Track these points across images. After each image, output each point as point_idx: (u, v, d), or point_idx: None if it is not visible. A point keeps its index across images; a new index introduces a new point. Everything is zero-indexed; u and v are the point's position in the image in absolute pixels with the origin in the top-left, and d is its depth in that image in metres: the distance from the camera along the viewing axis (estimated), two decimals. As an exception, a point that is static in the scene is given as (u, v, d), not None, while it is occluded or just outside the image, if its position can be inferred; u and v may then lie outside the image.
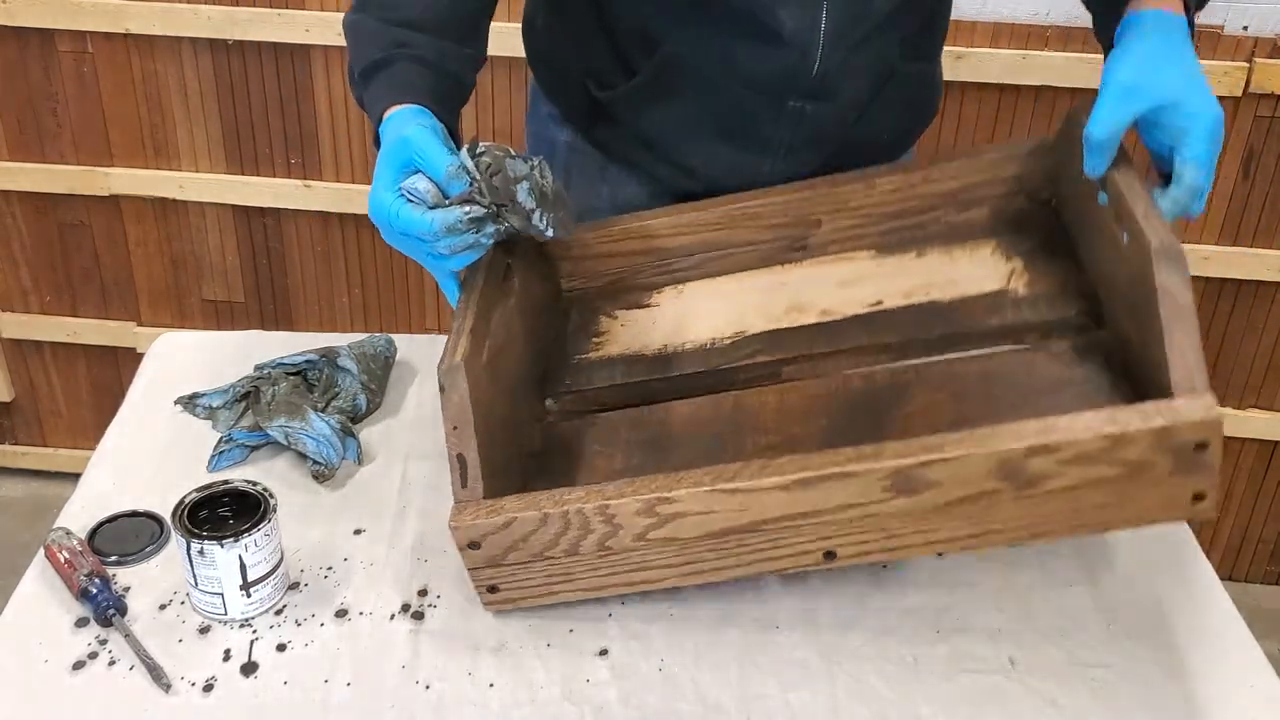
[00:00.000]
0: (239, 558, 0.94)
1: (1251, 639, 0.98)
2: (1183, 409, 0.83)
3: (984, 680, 0.93)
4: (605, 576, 0.93)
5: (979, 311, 1.05)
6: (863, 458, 0.86)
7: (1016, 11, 1.84)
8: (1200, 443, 0.83)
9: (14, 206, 2.17)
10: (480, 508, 0.92)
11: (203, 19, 1.95)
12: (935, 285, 1.09)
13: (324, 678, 0.93)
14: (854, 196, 1.14)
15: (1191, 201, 0.97)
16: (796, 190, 1.15)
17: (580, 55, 1.19)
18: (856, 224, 1.16)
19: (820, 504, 0.88)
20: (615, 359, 1.12)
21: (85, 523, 1.07)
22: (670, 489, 0.89)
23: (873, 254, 1.15)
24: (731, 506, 0.88)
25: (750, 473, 0.88)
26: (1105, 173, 0.99)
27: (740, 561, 0.92)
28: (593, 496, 0.90)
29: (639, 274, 1.20)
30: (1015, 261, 1.09)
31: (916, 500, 0.87)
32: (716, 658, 0.95)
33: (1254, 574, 2.28)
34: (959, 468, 0.85)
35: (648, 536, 0.91)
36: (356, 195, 2.07)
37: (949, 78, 1.88)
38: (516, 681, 0.93)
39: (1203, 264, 1.97)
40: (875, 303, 1.10)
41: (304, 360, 1.23)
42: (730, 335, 1.11)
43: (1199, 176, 0.96)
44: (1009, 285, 1.07)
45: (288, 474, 1.14)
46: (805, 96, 1.11)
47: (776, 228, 1.17)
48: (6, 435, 2.42)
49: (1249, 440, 2.13)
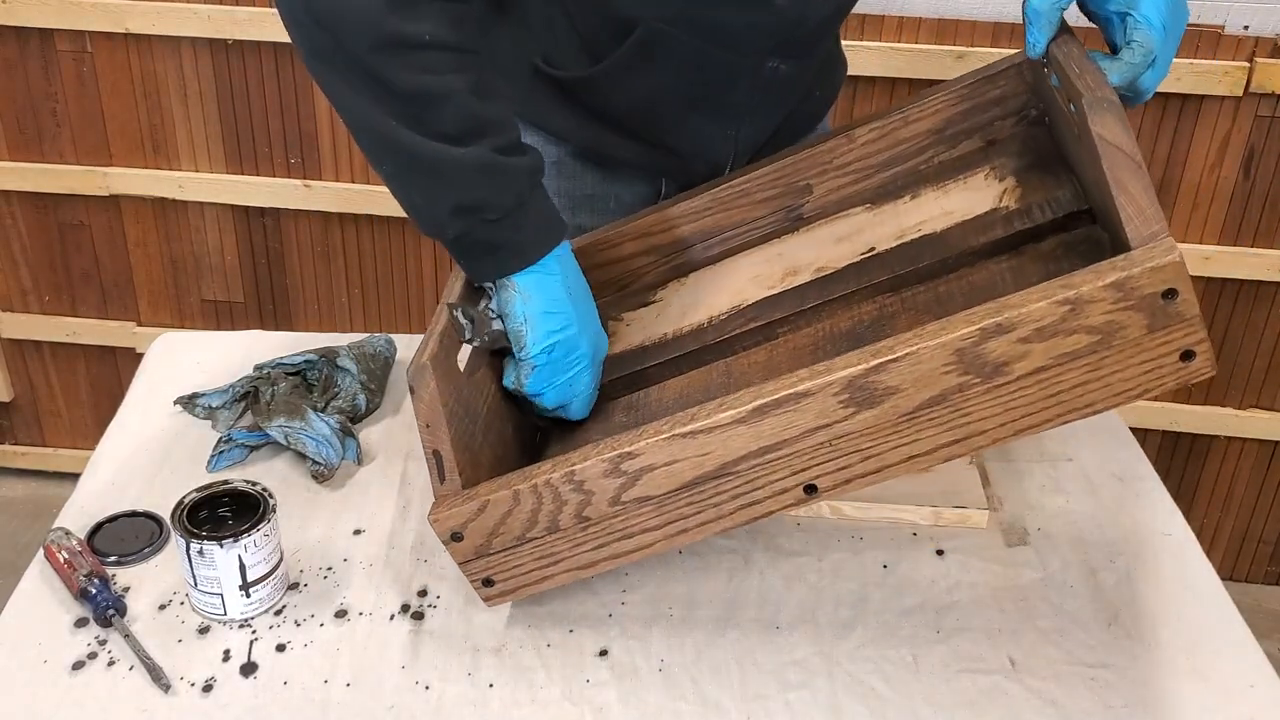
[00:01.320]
0: (238, 558, 0.94)
1: (1252, 639, 0.98)
2: (1138, 256, 0.77)
3: (984, 680, 0.93)
4: (592, 551, 0.93)
5: (970, 234, 1.01)
6: (814, 375, 0.83)
7: (1016, 11, 1.84)
8: (1167, 290, 0.77)
9: (14, 206, 2.17)
10: (456, 497, 0.92)
11: (202, 19, 1.95)
12: (927, 221, 1.05)
13: (324, 678, 0.93)
14: (838, 154, 1.12)
15: (1145, 65, 0.91)
16: (778, 160, 1.14)
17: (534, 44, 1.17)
18: (848, 180, 1.13)
19: (783, 433, 0.85)
20: (618, 355, 1.12)
21: (85, 523, 1.07)
22: (632, 443, 0.88)
23: (867, 207, 1.12)
24: (694, 451, 0.87)
25: (706, 412, 0.86)
26: (1047, 49, 0.94)
27: (721, 512, 0.90)
28: (559, 465, 0.90)
29: (641, 274, 1.20)
30: (1008, 180, 1.04)
31: (881, 411, 0.83)
32: (716, 658, 0.95)
33: (1254, 574, 2.28)
34: (913, 365, 0.81)
35: (622, 499, 0.90)
36: (356, 195, 2.07)
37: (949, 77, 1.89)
38: (516, 681, 0.93)
39: (1203, 264, 1.97)
40: (868, 250, 1.06)
41: (304, 360, 1.23)
42: (726, 311, 1.10)
43: (1150, 38, 0.90)
44: (1000, 203, 1.02)
45: (288, 474, 1.14)
46: (786, 56, 1.12)
47: (768, 201, 1.15)
48: (6, 435, 2.42)
49: (1249, 440, 2.13)
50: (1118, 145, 0.81)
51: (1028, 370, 0.81)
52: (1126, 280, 0.77)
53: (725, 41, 1.10)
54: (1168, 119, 1.89)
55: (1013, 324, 0.79)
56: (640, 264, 1.19)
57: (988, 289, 0.96)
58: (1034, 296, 0.79)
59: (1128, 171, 0.80)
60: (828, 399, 0.83)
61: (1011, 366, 0.81)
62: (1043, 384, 0.81)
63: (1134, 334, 0.79)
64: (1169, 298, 0.77)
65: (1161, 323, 0.78)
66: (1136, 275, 0.77)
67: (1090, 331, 0.79)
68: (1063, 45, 0.94)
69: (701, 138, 1.19)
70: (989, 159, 1.08)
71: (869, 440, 0.85)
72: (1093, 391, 0.82)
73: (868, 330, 0.99)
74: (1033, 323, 0.79)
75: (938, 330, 0.81)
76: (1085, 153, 0.88)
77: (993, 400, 0.82)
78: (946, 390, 0.82)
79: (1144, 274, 0.77)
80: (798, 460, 0.86)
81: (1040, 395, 0.82)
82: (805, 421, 0.84)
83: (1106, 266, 0.78)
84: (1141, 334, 0.79)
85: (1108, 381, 0.81)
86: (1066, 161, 1.01)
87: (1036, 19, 0.94)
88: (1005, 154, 1.07)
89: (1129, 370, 0.81)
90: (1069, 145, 0.99)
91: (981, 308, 0.80)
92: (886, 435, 0.85)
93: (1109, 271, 0.78)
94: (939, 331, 0.80)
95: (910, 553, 1.05)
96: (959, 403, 0.82)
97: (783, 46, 1.11)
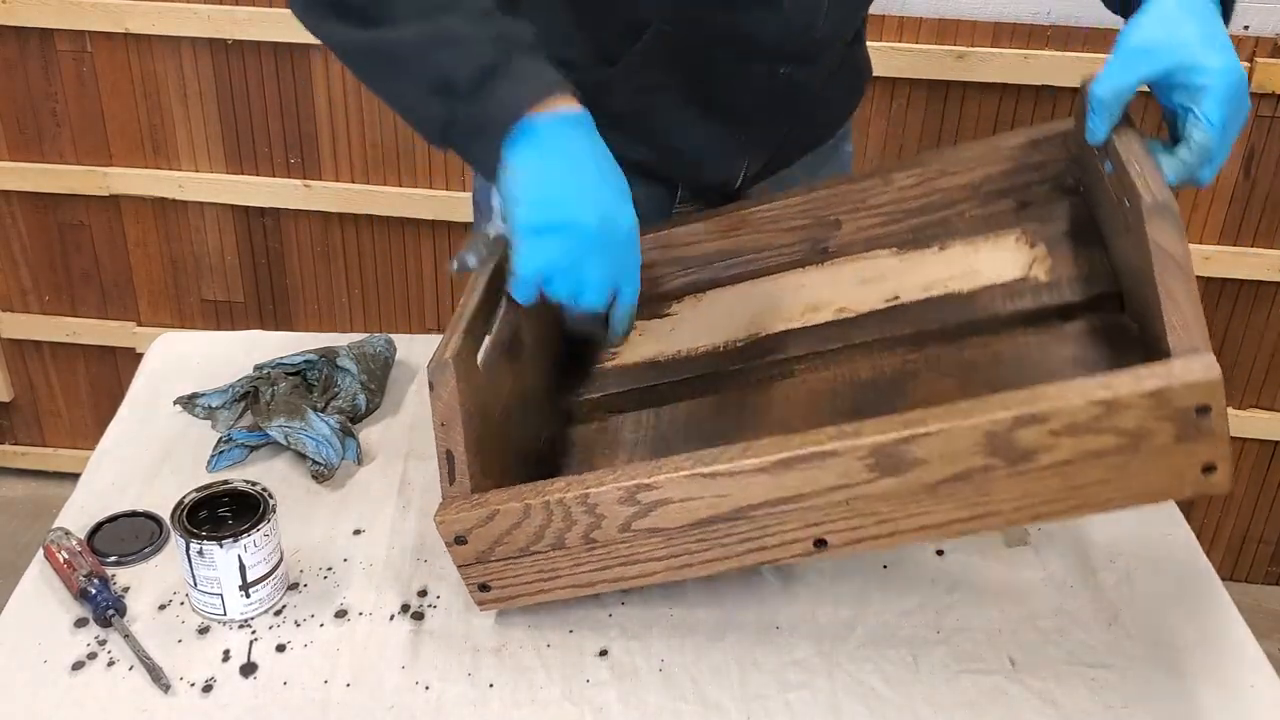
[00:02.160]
0: (238, 558, 0.94)
1: (1252, 639, 0.98)
2: (1178, 369, 0.78)
3: (984, 680, 0.93)
4: (594, 572, 0.93)
5: (997, 299, 1.01)
6: (843, 435, 0.83)
7: (1017, 11, 1.84)
8: (1201, 406, 0.77)
9: (14, 206, 2.17)
10: (465, 501, 0.92)
11: (202, 19, 1.95)
12: (955, 277, 1.05)
13: (324, 678, 0.93)
14: (871, 194, 1.12)
15: (1200, 165, 0.91)
16: (812, 191, 1.14)
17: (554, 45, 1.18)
18: (878, 222, 1.13)
19: (803, 487, 0.85)
20: (629, 367, 1.11)
21: (85, 523, 1.07)
22: (651, 475, 0.87)
23: (894, 251, 1.11)
24: (713, 492, 0.87)
25: (730, 456, 0.86)
26: (1107, 137, 0.94)
27: (729, 552, 0.89)
28: (574, 486, 0.89)
29: (659, 283, 1.18)
30: (1039, 249, 1.04)
31: (903, 480, 0.83)
32: (716, 658, 0.95)
33: (1254, 574, 2.28)
34: (944, 442, 0.81)
35: (632, 527, 0.89)
36: (356, 195, 2.07)
37: (949, 78, 1.89)
38: (516, 681, 0.93)
39: (1203, 264, 1.97)
40: (893, 298, 1.06)
41: (304, 360, 1.23)
42: (744, 337, 1.09)
43: (1209, 138, 0.90)
44: (1030, 272, 1.02)
45: (288, 474, 1.14)
46: (796, 61, 1.12)
47: (796, 230, 1.14)
48: (6, 435, 2.42)
49: (1250, 440, 2.13)
50: (1172, 254, 0.81)
51: (1053, 461, 0.81)
52: (1165, 390, 0.77)
53: (734, 46, 1.10)
54: (1168, 119, 1.89)
55: (1047, 415, 0.79)
56: (660, 272, 1.18)
57: (1013, 362, 0.95)
58: (1071, 391, 0.79)
59: (1178, 281, 0.80)
60: (853, 461, 0.83)
61: (1038, 456, 0.81)
62: (1065, 476, 0.82)
63: (1162, 442, 0.79)
64: (1202, 413, 0.78)
65: (1190, 435, 0.79)
66: (1175, 388, 0.77)
67: (1120, 434, 0.79)
68: (1123, 136, 0.93)
69: (712, 142, 1.19)
70: (1020, 222, 1.08)
71: (887, 506, 0.85)
72: (1112, 490, 0.82)
73: (888, 385, 0.98)
74: (1067, 417, 0.79)
75: (971, 410, 0.81)
76: (1132, 247, 0.88)
77: (1014, 485, 0.83)
78: (972, 469, 0.82)
79: (1183, 388, 0.77)
80: (813, 514, 0.86)
81: (1060, 487, 0.82)
82: (827, 479, 0.84)
83: (1146, 373, 0.78)
84: (1169, 443, 0.79)
85: (1128, 483, 0.82)
86: (1098, 236, 1.01)
87: (1100, 108, 0.93)
88: (1037, 219, 1.07)
89: (1151, 475, 0.81)
90: (1105, 223, 0.99)
91: (1017, 394, 0.81)
92: (905, 504, 0.85)
93: (1149, 378, 0.78)
94: (972, 411, 0.81)
95: (910, 553, 1.05)
96: (981, 483, 0.83)
97: (792, 52, 1.11)
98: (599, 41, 1.13)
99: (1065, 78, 1.85)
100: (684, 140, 1.19)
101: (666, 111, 1.16)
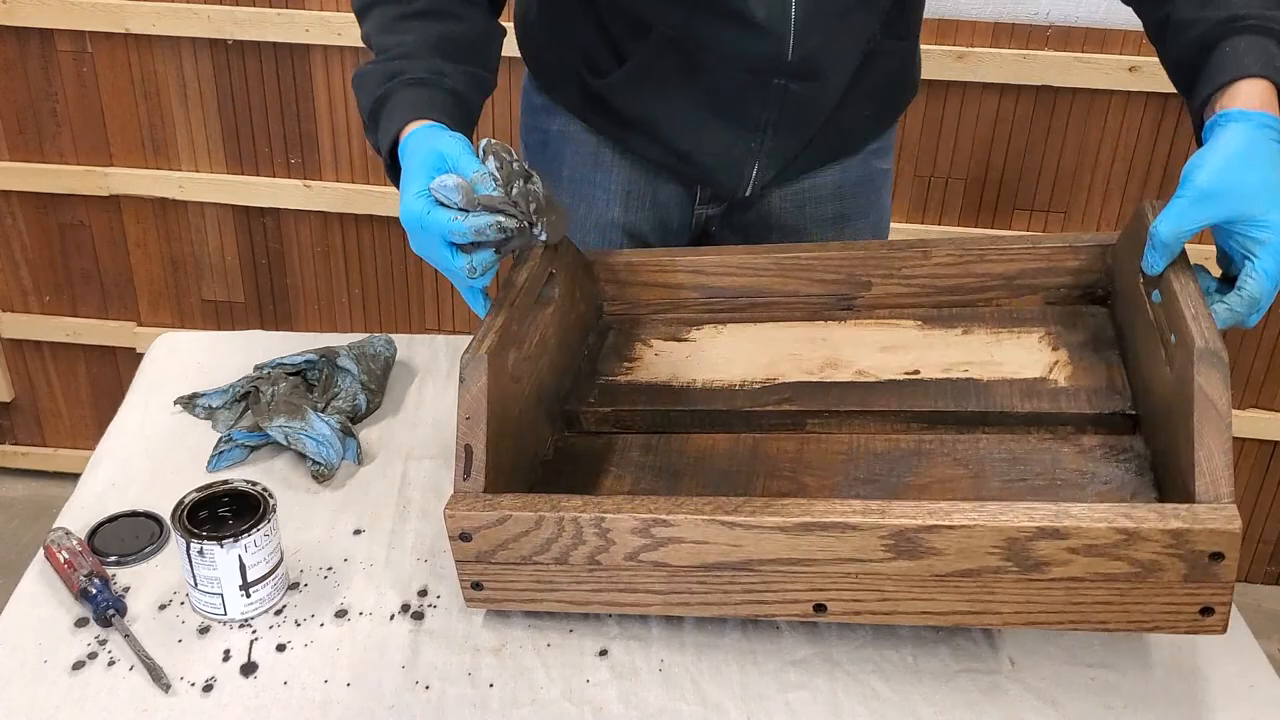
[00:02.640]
0: (238, 558, 0.94)
1: (1252, 639, 0.98)
2: (1202, 513, 0.81)
3: (984, 680, 0.93)
4: (590, 592, 0.93)
5: (1015, 396, 1.03)
6: (868, 512, 0.85)
7: (1016, 11, 1.84)
8: (1216, 553, 0.81)
9: (14, 206, 2.17)
10: (478, 500, 0.92)
11: (203, 19, 1.95)
12: (976, 364, 1.08)
13: (324, 678, 0.93)
14: (908, 264, 1.15)
15: (1249, 313, 0.94)
16: (851, 249, 1.16)
17: (574, 45, 1.21)
18: (907, 292, 1.16)
19: (818, 553, 0.87)
20: (642, 385, 1.12)
21: (85, 523, 1.07)
22: (669, 512, 0.88)
23: (919, 324, 1.14)
24: (728, 540, 0.88)
25: (752, 509, 0.87)
26: (1163, 272, 0.96)
27: (728, 600, 0.91)
28: (590, 507, 0.90)
29: (682, 308, 1.20)
30: (1060, 353, 1.08)
31: (916, 565, 0.85)
32: (716, 658, 0.95)
33: (1254, 574, 2.28)
34: (964, 538, 0.83)
35: (639, 557, 0.90)
36: (356, 195, 2.07)
37: (949, 78, 1.89)
38: (516, 681, 0.93)
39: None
40: (913, 371, 1.08)
41: (304, 360, 1.23)
42: (761, 380, 1.10)
43: (1263, 290, 0.92)
44: (1050, 375, 1.05)
45: (288, 474, 1.14)
46: (788, 76, 1.12)
47: (826, 283, 1.17)
48: (6, 435, 2.42)
49: (1249, 440, 2.13)
50: (1215, 402, 0.83)
51: (1063, 576, 0.84)
52: (1186, 532, 0.80)
53: (724, 56, 1.11)
54: (1167, 119, 1.89)
55: (1068, 533, 0.82)
56: (685, 296, 1.20)
57: (1025, 464, 0.98)
58: (1095, 514, 0.82)
59: (1215, 430, 0.83)
60: (873, 539, 0.85)
61: (1050, 568, 0.83)
62: (1070, 592, 0.84)
63: (1170, 578, 0.82)
64: (1215, 559, 0.81)
65: (1198, 577, 0.82)
66: (1197, 531, 0.80)
67: (1133, 563, 0.82)
68: (1180, 276, 0.95)
69: (722, 147, 1.20)
70: (1045, 322, 1.11)
71: (894, 586, 0.87)
72: (1111, 613, 0.85)
73: (902, 461, 1.00)
74: (1087, 538, 0.82)
75: (997, 512, 0.83)
76: (1172, 381, 0.89)
77: (1020, 591, 0.85)
78: (984, 569, 0.84)
79: (1204, 533, 0.80)
80: (820, 580, 0.88)
81: (1063, 601, 0.85)
82: (843, 550, 0.86)
83: (1171, 511, 0.81)
84: (1176, 580, 0.82)
85: (1128, 609, 0.84)
86: (1121, 354, 1.05)
87: (1161, 246, 0.95)
88: (1062, 323, 1.11)
89: (1151, 606, 0.84)
90: (1134, 345, 1.02)
91: (1044, 507, 0.83)
92: (912, 588, 0.87)
93: (1172, 517, 0.80)
94: (998, 514, 0.83)
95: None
96: (990, 583, 0.85)
97: (788, 67, 1.11)
98: (611, 41, 1.16)
99: (1065, 78, 1.85)
100: (692, 143, 1.20)
101: (675, 114, 1.18)
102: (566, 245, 1.12)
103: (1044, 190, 1.97)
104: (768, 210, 1.29)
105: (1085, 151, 1.93)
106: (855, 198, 1.30)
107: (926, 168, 1.97)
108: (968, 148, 1.95)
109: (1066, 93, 1.88)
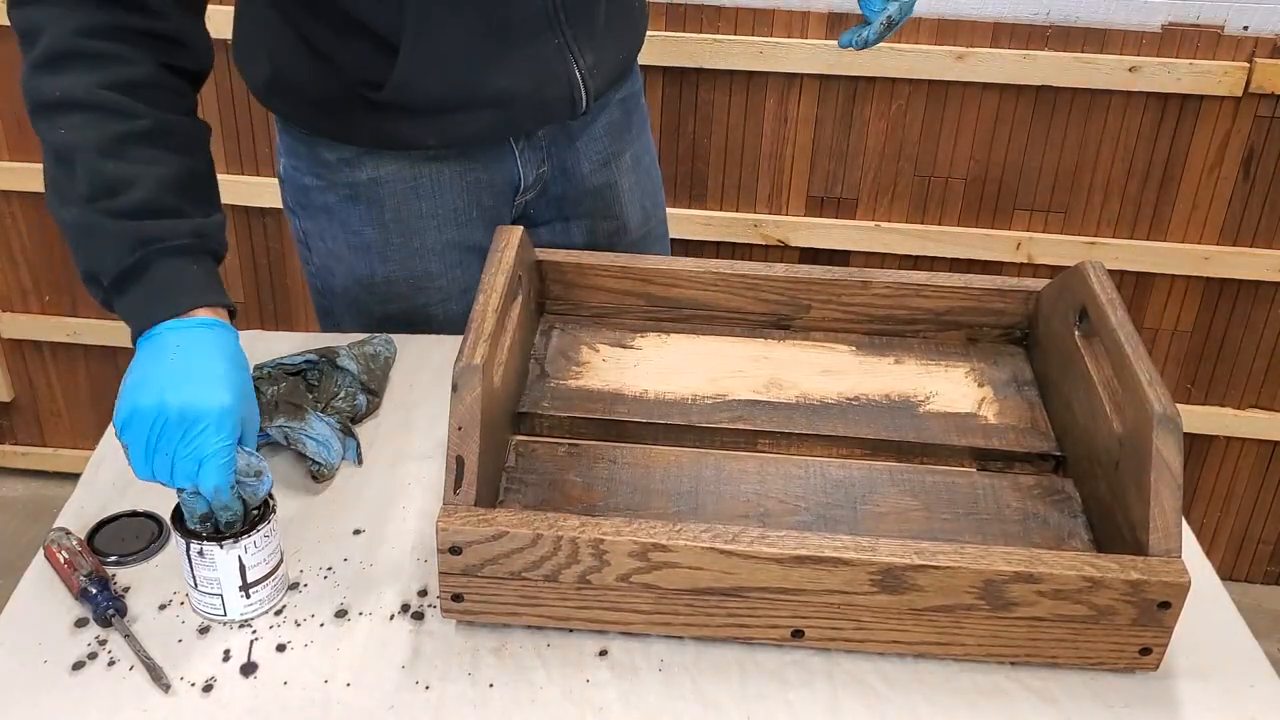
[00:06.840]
0: (238, 559, 0.94)
1: (1252, 639, 0.98)
2: (1158, 567, 0.88)
3: (984, 680, 0.93)
4: (575, 609, 0.93)
5: (951, 430, 1.11)
6: (860, 549, 0.89)
7: (1016, 11, 1.84)
8: (1164, 602, 0.89)
9: (14, 206, 2.17)
10: (471, 514, 0.91)
11: (202, 19, 1.95)
12: (911, 394, 1.16)
13: (324, 678, 0.93)
14: (847, 290, 1.21)
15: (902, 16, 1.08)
16: (796, 273, 1.22)
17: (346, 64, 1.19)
18: (844, 318, 1.23)
19: (807, 584, 0.90)
20: (596, 392, 1.14)
21: (85, 523, 1.07)
22: (670, 538, 0.89)
23: (853, 350, 1.22)
24: (723, 568, 0.90)
25: (750, 539, 0.89)
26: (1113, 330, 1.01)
27: (711, 623, 0.93)
28: (589, 529, 0.90)
29: (625, 314, 1.24)
30: (986, 389, 1.16)
31: (896, 599, 0.90)
32: (716, 658, 0.95)
33: (1254, 574, 2.28)
34: (946, 577, 0.89)
35: (631, 579, 0.91)
36: (356, 195, 2.07)
37: (949, 78, 1.89)
38: (516, 681, 0.93)
39: (1203, 264, 1.97)
40: (854, 397, 1.15)
41: (304, 360, 1.23)
42: (712, 396, 1.14)
43: None
44: (980, 410, 1.14)
45: (288, 474, 1.14)
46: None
47: (769, 303, 1.23)
48: (6, 435, 2.42)
49: (1249, 440, 2.13)
50: (1169, 465, 0.90)
51: (1028, 616, 0.90)
52: (1143, 583, 0.88)
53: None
54: (1167, 119, 1.89)
55: (1041, 578, 0.88)
56: (628, 303, 1.24)
57: (969, 499, 1.05)
58: (1064, 563, 0.89)
59: (1169, 491, 0.90)
60: (861, 573, 0.89)
61: (1018, 608, 0.90)
62: (1032, 629, 0.91)
63: (1120, 621, 0.90)
64: (1163, 608, 0.89)
65: (1145, 621, 0.90)
66: (1151, 583, 0.88)
67: (1092, 607, 0.89)
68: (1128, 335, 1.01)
69: (539, 64, 1.20)
70: (969, 358, 1.21)
71: (871, 617, 0.91)
72: (1064, 649, 0.92)
73: (856, 488, 1.06)
74: (1057, 584, 0.88)
75: (980, 556, 0.89)
76: (1122, 437, 0.97)
77: (987, 627, 0.91)
78: (958, 605, 0.90)
79: (1158, 584, 0.88)
80: (804, 609, 0.91)
81: (1023, 637, 0.91)
82: (831, 582, 0.90)
83: (1128, 562, 0.89)
84: (1126, 623, 0.90)
85: (1079, 647, 0.92)
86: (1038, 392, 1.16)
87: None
88: (984, 360, 1.21)
89: (1099, 644, 0.91)
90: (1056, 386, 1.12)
91: (1020, 552, 0.90)
92: (888, 619, 0.91)
93: (1130, 568, 0.88)
94: (980, 558, 0.89)
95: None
96: (961, 618, 0.91)
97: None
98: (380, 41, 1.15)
99: (1065, 78, 1.85)
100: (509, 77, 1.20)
101: (477, 58, 1.18)
102: (525, 243, 1.13)
103: (1044, 190, 1.97)
104: (579, 175, 1.34)
105: (1085, 151, 1.93)
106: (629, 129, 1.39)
107: (926, 168, 1.97)
108: (968, 148, 1.95)
109: (1066, 93, 1.88)
